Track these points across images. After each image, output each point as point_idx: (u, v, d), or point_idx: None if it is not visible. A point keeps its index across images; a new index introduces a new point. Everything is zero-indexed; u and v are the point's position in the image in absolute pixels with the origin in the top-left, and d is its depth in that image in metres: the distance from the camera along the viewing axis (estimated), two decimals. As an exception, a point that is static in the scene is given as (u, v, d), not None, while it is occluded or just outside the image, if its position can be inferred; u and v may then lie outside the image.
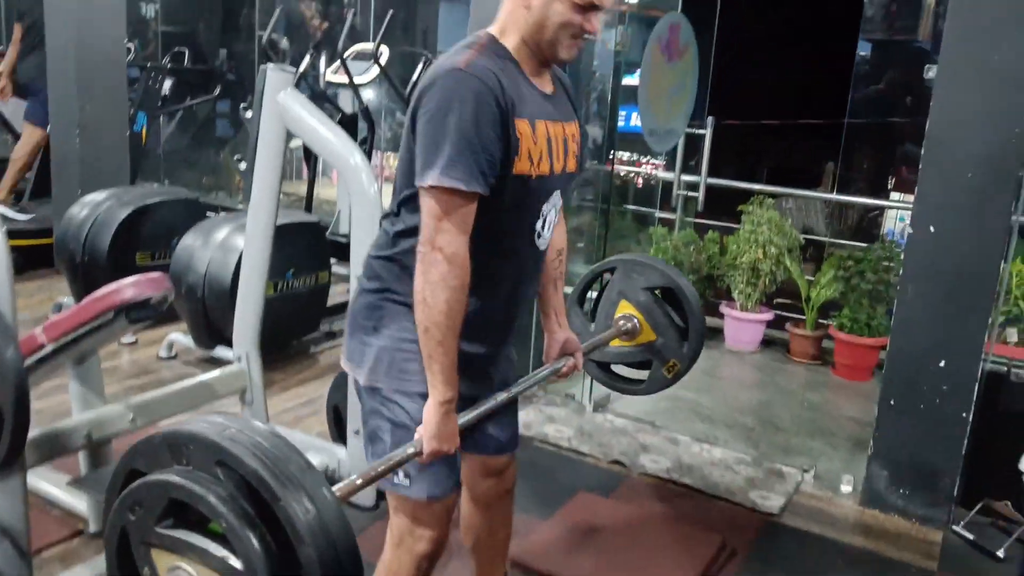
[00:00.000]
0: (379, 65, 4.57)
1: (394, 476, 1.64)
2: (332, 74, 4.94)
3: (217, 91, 6.38)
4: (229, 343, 3.17)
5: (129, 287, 2.17)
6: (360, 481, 1.43)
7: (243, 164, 3.90)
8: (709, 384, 4.18)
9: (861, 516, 2.97)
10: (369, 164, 2.67)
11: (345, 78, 4.63)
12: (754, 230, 4.48)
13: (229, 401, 2.88)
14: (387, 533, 1.77)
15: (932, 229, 2.77)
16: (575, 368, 1.89)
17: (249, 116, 4.94)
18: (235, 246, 3.57)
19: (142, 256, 4.13)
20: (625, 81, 4.16)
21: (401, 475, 1.64)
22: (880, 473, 2.97)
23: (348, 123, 4.65)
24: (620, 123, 4.37)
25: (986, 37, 2.63)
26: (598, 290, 2.41)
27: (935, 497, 2.89)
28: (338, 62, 4.63)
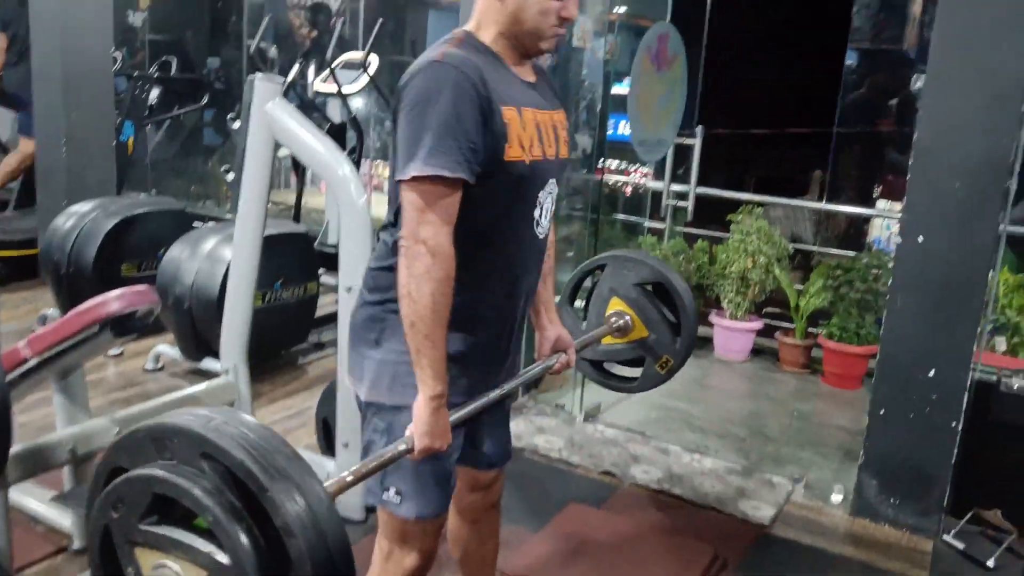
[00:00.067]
0: (368, 74, 4.56)
1: (384, 493, 1.62)
2: (321, 83, 4.93)
3: (205, 100, 6.35)
4: (216, 355, 3.15)
5: (115, 300, 2.15)
6: (351, 478, 1.40)
7: (231, 175, 3.88)
8: (699, 394, 4.18)
9: (851, 526, 2.97)
10: (358, 174, 2.66)
11: (334, 87, 4.62)
12: (743, 239, 4.49)
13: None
14: (375, 546, 1.76)
15: (921, 239, 2.78)
16: (568, 365, 1.86)
17: (237, 126, 4.93)
18: (222, 257, 3.54)
19: (128, 267, 4.10)
20: (614, 90, 4.17)
21: (392, 492, 1.61)
22: (870, 482, 2.97)
23: (337, 132, 4.64)
24: (608, 131, 4.37)
25: (973, 48, 2.64)
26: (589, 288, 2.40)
27: (925, 506, 2.89)
28: (327, 71, 4.62)
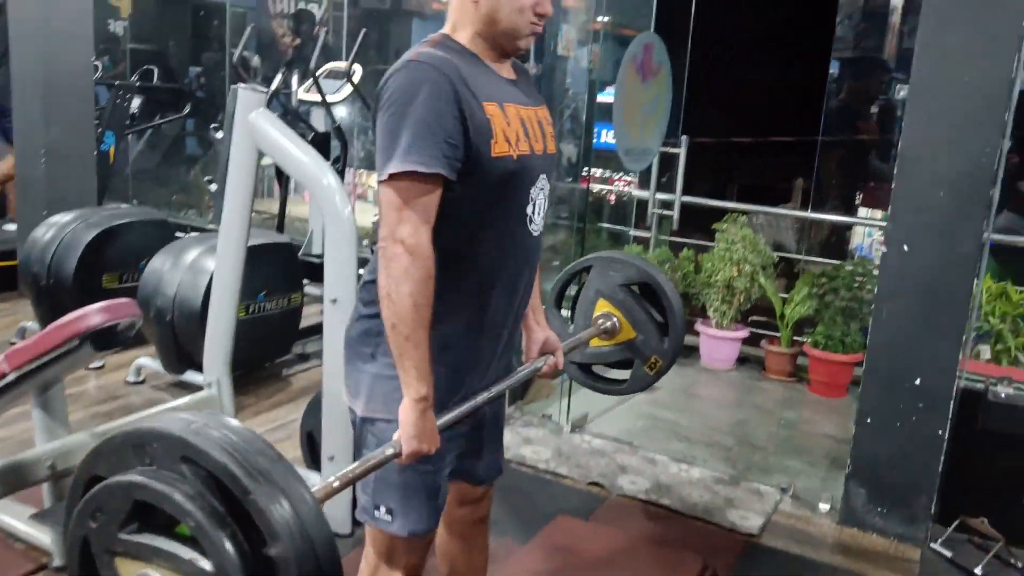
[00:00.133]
0: (352, 83, 4.54)
1: (376, 511, 1.60)
2: (304, 92, 4.90)
3: (187, 110, 6.30)
4: (199, 367, 3.11)
5: (95, 313, 2.12)
6: (338, 483, 1.37)
7: (214, 185, 3.84)
8: (686, 403, 4.17)
9: (840, 535, 2.97)
10: (342, 184, 2.63)
11: (317, 97, 4.59)
12: (728, 248, 4.49)
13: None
14: (362, 560, 1.73)
15: (906, 248, 2.79)
16: (556, 367, 1.84)
17: (220, 136, 4.89)
18: (205, 268, 3.50)
19: (109, 278, 4.05)
20: (598, 98, 4.17)
21: (383, 510, 1.59)
22: (858, 491, 2.97)
23: (321, 142, 4.60)
24: (592, 139, 4.37)
25: (955, 60, 2.66)
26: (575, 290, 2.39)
27: (912, 515, 2.89)
28: (310, 80, 4.59)
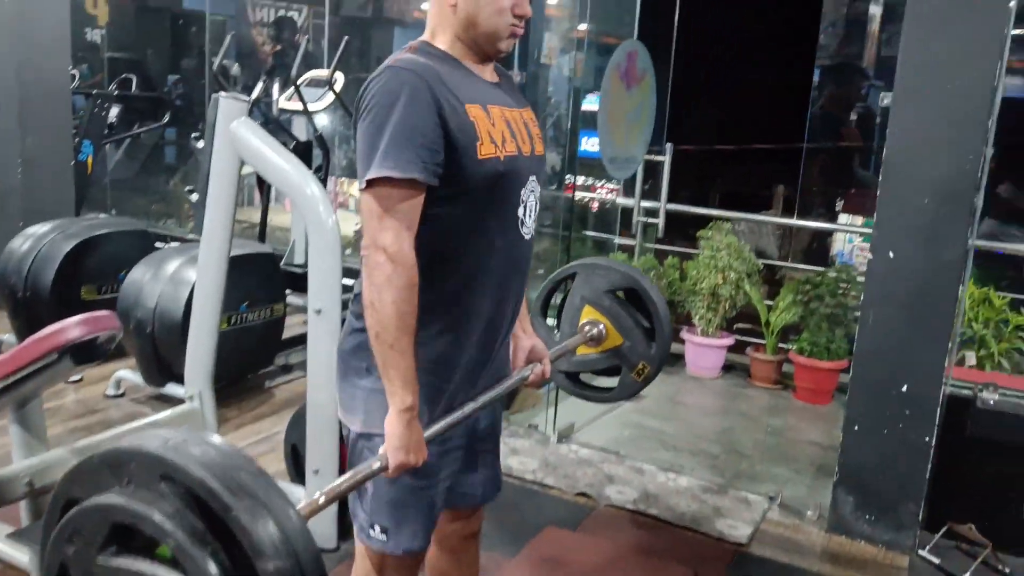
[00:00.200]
0: (334, 92, 4.51)
1: (371, 530, 1.56)
2: (285, 101, 4.86)
3: (166, 119, 6.24)
4: (180, 380, 3.06)
5: (75, 326, 2.08)
6: (323, 499, 1.34)
7: (195, 195, 3.79)
8: (672, 411, 4.16)
9: (828, 543, 2.96)
10: (326, 193, 2.60)
11: (299, 105, 4.55)
12: (713, 255, 4.50)
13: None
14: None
15: (891, 255, 2.79)
16: (543, 375, 1.82)
17: (201, 145, 4.83)
18: (186, 279, 3.46)
19: (88, 290, 3.99)
20: (582, 106, 4.17)
21: (378, 529, 1.56)
22: (846, 499, 2.96)
23: (302, 150, 4.57)
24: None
25: (939, 66, 2.67)
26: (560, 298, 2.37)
27: (900, 522, 2.89)
28: (292, 89, 4.55)
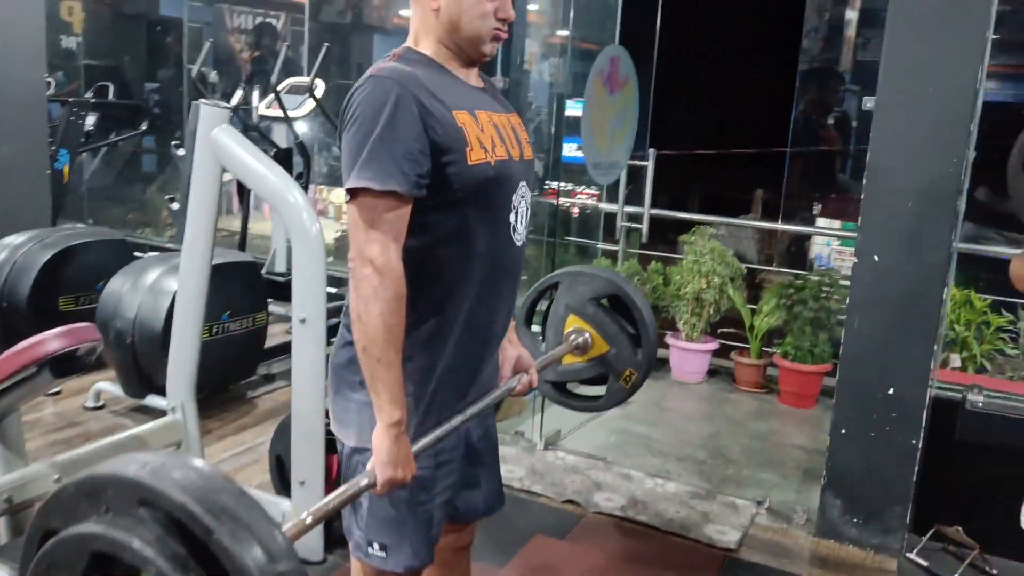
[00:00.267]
0: (314, 98, 4.48)
1: (369, 547, 1.53)
2: (265, 108, 4.82)
3: (144, 126, 6.17)
4: (161, 391, 3.01)
5: (54, 339, 2.03)
6: (310, 520, 1.31)
7: (175, 204, 3.75)
8: (658, 416, 4.15)
9: (816, 547, 2.96)
10: (309, 200, 2.57)
11: (279, 112, 4.52)
12: (697, 260, 4.50)
13: (163, 454, 2.72)
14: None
15: (876, 258, 2.80)
16: (531, 385, 1.79)
17: (182, 153, 4.78)
18: (166, 289, 3.41)
19: (66, 301, 3.92)
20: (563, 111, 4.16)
21: (376, 547, 1.53)
22: (834, 503, 2.97)
23: (283, 158, 4.53)
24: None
25: (921, 71, 2.69)
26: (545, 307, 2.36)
27: (888, 525, 2.89)
28: (271, 96, 4.52)
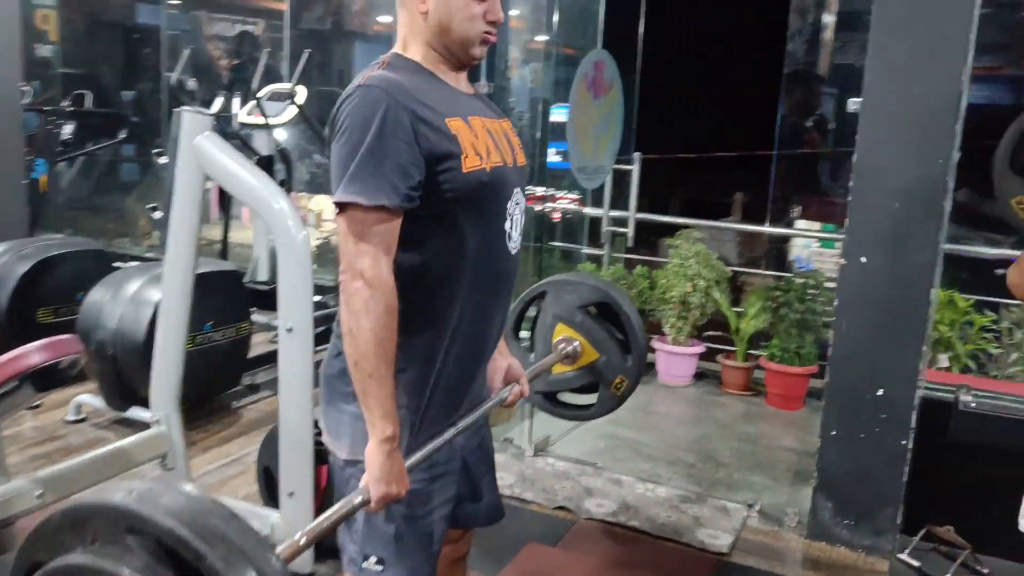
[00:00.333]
0: (296, 105, 4.44)
1: (364, 561, 1.50)
2: (246, 115, 4.78)
3: (122, 135, 6.09)
4: (144, 403, 2.96)
5: (36, 352, 1.99)
6: (304, 541, 1.28)
7: (158, 213, 3.70)
8: (646, 421, 4.14)
9: (808, 549, 2.95)
10: (295, 208, 2.54)
11: (260, 119, 4.47)
12: (683, 263, 4.50)
13: (147, 467, 2.67)
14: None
15: (864, 260, 2.81)
16: (522, 395, 1.78)
17: (164, 161, 4.72)
18: (148, 299, 3.36)
19: (45, 313, 3.86)
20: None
21: (373, 560, 1.49)
22: (825, 505, 2.96)
23: (264, 165, 4.49)
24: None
25: (906, 72, 2.70)
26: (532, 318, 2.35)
27: (879, 527, 2.89)
28: (252, 103, 4.48)
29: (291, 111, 4.61)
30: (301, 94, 4.55)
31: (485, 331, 1.58)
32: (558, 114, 4.62)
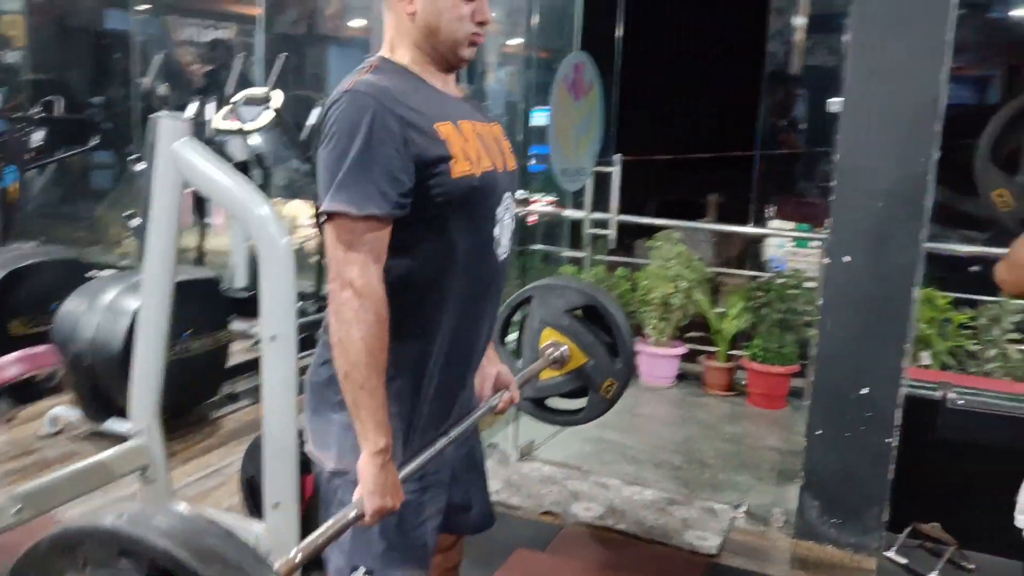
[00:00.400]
0: (274, 110, 4.39)
1: (352, 573, 1.47)
2: (221, 121, 4.71)
3: (93, 142, 5.99)
4: (121, 414, 2.90)
5: (11, 364, 1.94)
6: (299, 557, 1.26)
7: (135, 220, 3.64)
8: (630, 423, 4.13)
9: (796, 549, 2.96)
10: (276, 213, 2.50)
11: (235, 125, 4.42)
12: (664, 265, 4.50)
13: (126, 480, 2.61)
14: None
15: (847, 259, 2.82)
16: (512, 401, 1.77)
17: (141, 168, 4.65)
18: (125, 308, 3.30)
19: (18, 324, 3.74)
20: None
21: (361, 572, 1.47)
22: (812, 504, 2.97)
23: (241, 171, 4.43)
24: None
25: (886, 72, 2.71)
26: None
27: (866, 524, 2.90)
28: (227, 108, 4.42)
29: (267, 115, 4.56)
30: (277, 98, 4.50)
31: (474, 337, 1.56)
32: (537, 118, 4.61)
